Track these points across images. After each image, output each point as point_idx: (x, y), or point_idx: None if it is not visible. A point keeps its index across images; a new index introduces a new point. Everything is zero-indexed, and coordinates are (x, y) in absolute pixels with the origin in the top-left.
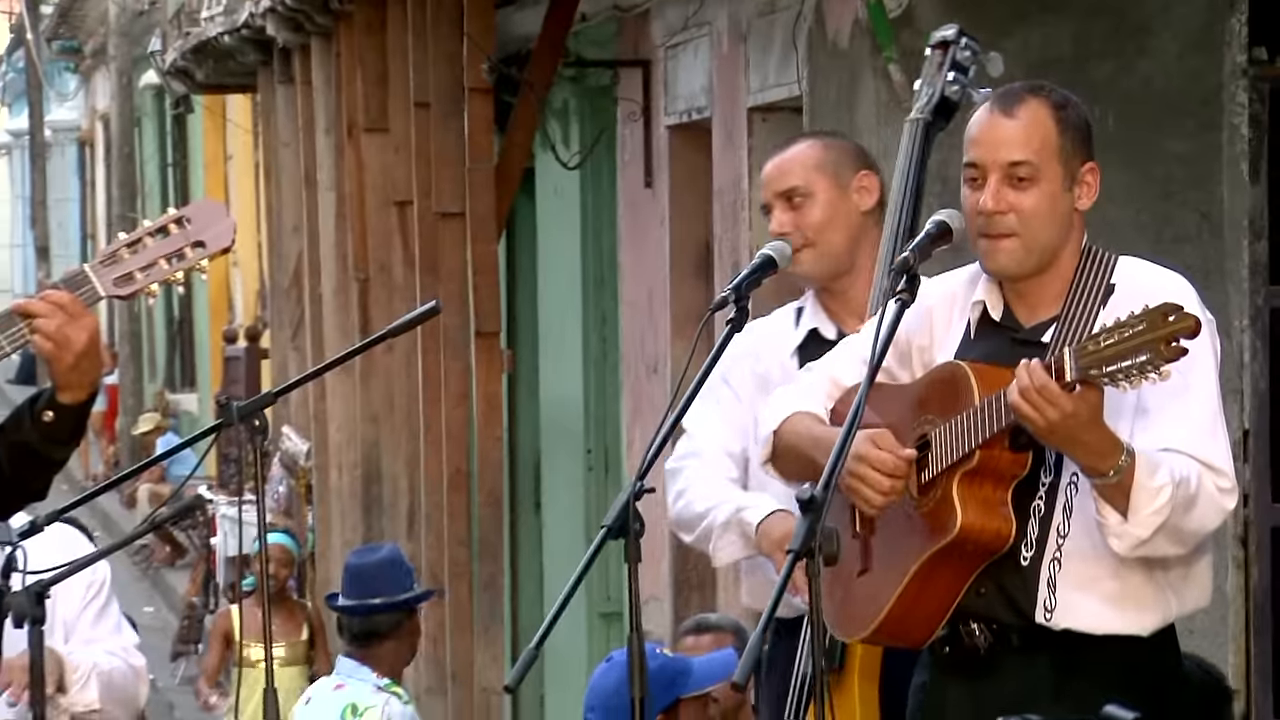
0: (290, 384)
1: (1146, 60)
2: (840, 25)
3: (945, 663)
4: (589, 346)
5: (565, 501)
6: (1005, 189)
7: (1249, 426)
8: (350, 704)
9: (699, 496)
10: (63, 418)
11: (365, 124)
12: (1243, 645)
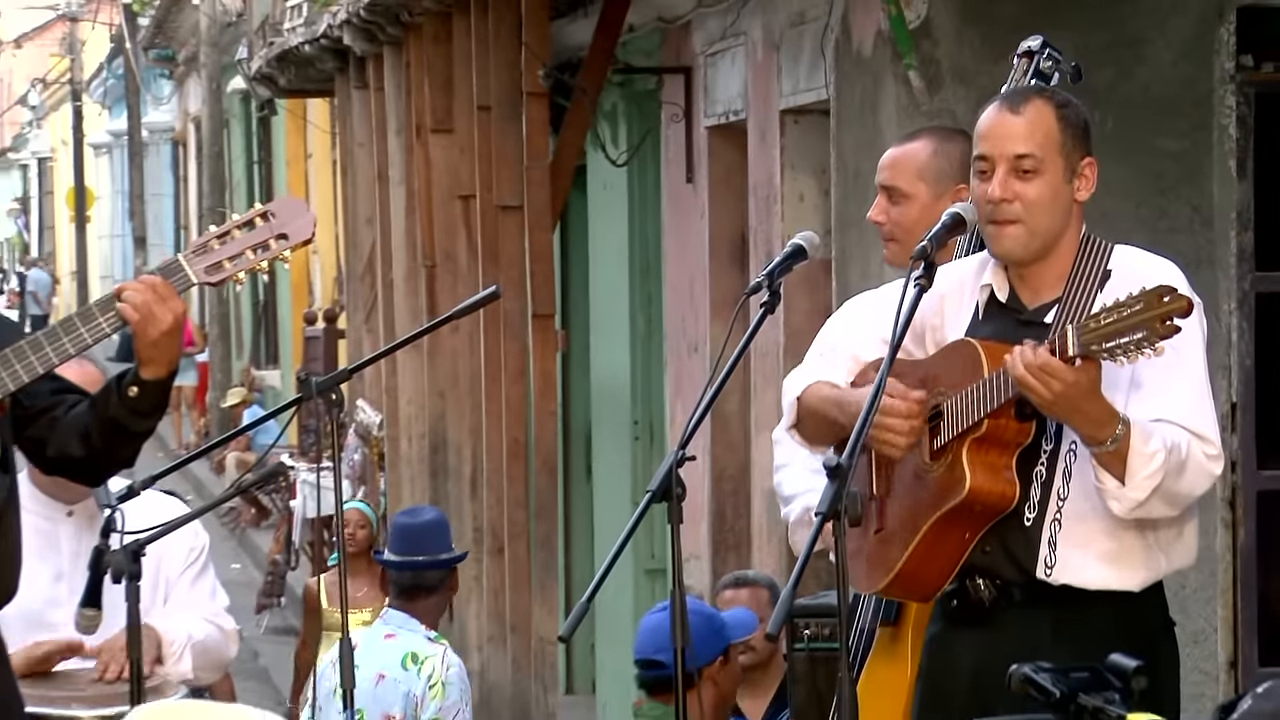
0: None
1: (1143, 67)
2: (864, 35)
3: (953, 615)
4: (635, 328)
5: (613, 468)
6: (1011, 179)
7: (1236, 400)
8: (410, 652)
9: (788, 480)
10: (146, 392)
11: (432, 125)
12: (1231, 600)
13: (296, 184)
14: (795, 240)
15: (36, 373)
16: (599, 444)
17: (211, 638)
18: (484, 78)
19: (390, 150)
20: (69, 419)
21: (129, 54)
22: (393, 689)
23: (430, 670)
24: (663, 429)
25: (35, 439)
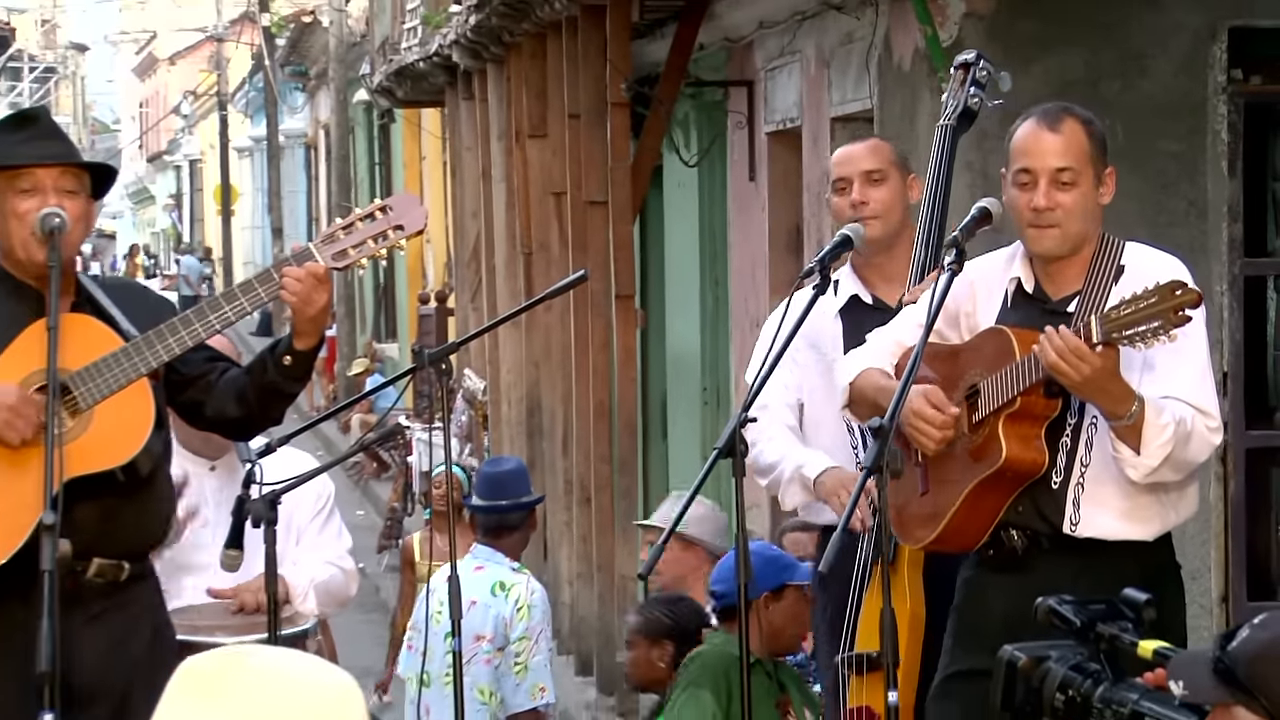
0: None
1: (1146, 80)
2: (904, 52)
3: (989, 562)
4: (704, 306)
5: (685, 429)
6: (1053, 190)
7: (1227, 370)
8: (497, 581)
9: (768, 449)
10: (298, 360)
11: (529, 131)
12: (1223, 542)
13: (412, 183)
14: (843, 231)
15: (188, 345)
16: (673, 408)
17: (334, 579)
18: (574, 90)
19: (493, 153)
20: (223, 383)
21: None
22: (483, 613)
23: (516, 596)
24: (728, 395)
25: (192, 401)
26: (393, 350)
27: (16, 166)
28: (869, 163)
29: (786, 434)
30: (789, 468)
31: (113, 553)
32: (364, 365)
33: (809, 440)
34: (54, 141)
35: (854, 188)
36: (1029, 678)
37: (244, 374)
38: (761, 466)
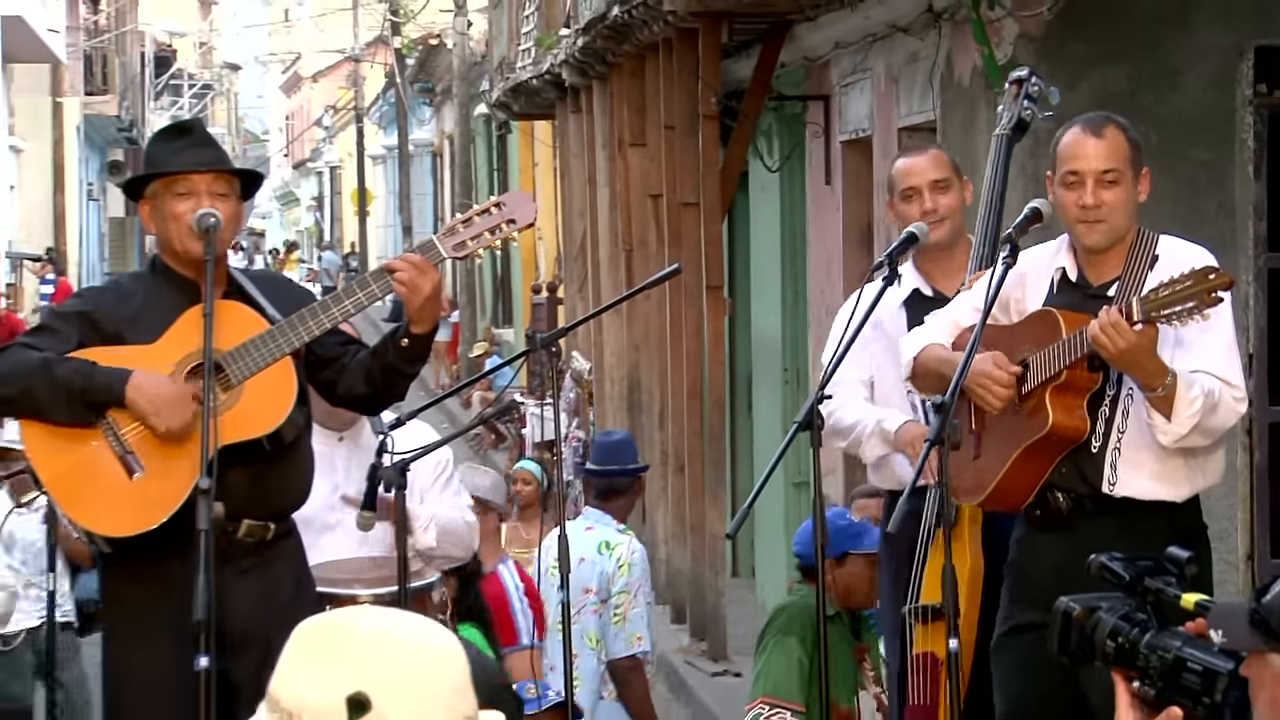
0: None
1: (1180, 94)
2: (963, 69)
3: (1036, 521)
4: (785, 296)
5: (768, 405)
6: (1099, 189)
7: (1253, 351)
8: (603, 541)
9: (847, 413)
10: (414, 344)
11: (630, 141)
12: (1248, 506)
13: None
14: (909, 229)
15: (325, 328)
16: (757, 386)
17: (454, 521)
18: (670, 104)
19: (597, 160)
20: (353, 364)
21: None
22: (590, 569)
23: (619, 555)
24: (806, 375)
25: (327, 380)
26: (509, 335)
27: (174, 173)
28: (935, 173)
29: (862, 401)
30: (870, 424)
31: (260, 514)
32: (484, 348)
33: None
34: (207, 149)
35: (925, 196)
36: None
37: (370, 356)
38: (841, 428)
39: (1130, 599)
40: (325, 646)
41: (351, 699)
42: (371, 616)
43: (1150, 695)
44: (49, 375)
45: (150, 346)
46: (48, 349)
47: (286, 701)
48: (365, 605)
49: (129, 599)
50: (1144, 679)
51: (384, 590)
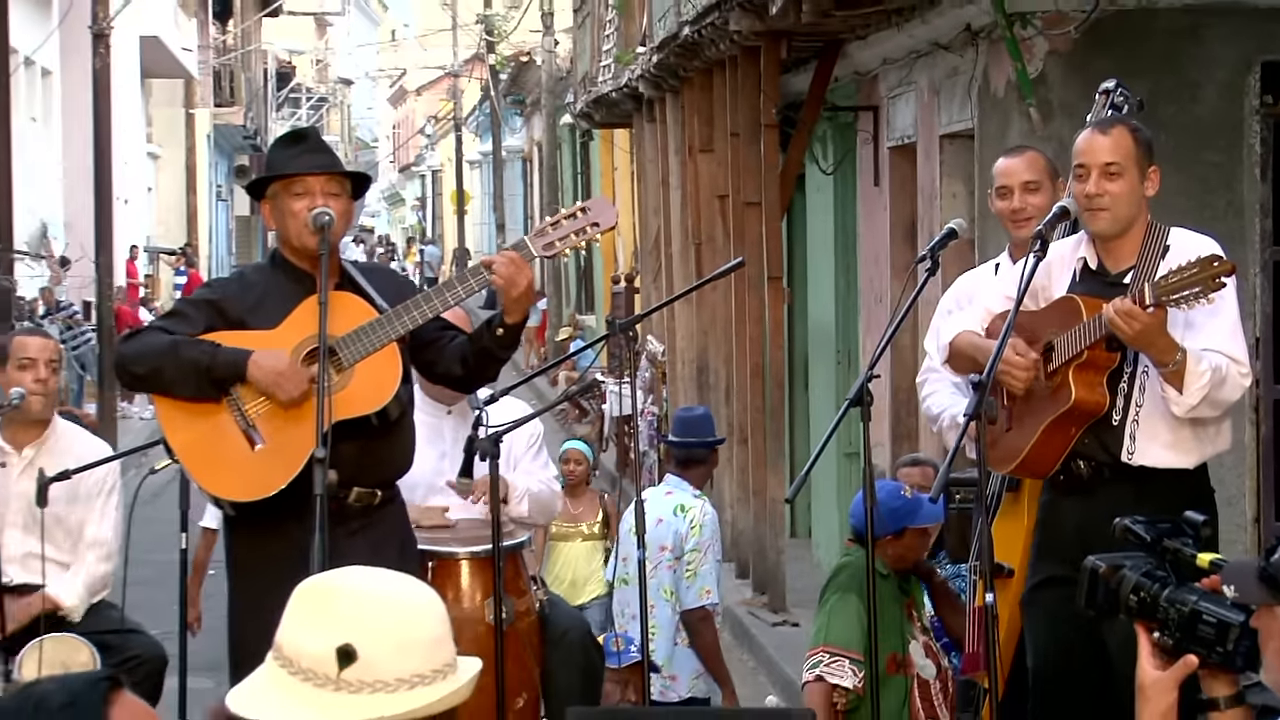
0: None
1: (1194, 104)
2: (998, 82)
3: (1061, 487)
4: (838, 286)
5: (822, 383)
6: (1102, 180)
7: (1259, 335)
8: (679, 504)
9: (935, 404)
10: (507, 332)
11: (699, 147)
12: (1255, 474)
13: (606, 189)
14: (950, 225)
15: (428, 316)
16: (813, 367)
17: (543, 493)
18: (735, 114)
19: (670, 164)
20: (451, 347)
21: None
22: (666, 529)
23: (692, 516)
24: (857, 356)
25: (428, 361)
26: (591, 320)
27: (292, 175)
28: (1028, 174)
29: (948, 389)
30: (946, 419)
31: (368, 482)
32: (568, 332)
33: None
34: (322, 154)
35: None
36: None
37: (467, 341)
38: (931, 416)
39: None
40: (319, 604)
41: (340, 649)
42: (359, 576)
43: (1169, 645)
44: (177, 356)
45: (271, 332)
46: (178, 332)
47: (288, 650)
48: (361, 567)
49: (251, 557)
50: (1163, 630)
51: (479, 548)
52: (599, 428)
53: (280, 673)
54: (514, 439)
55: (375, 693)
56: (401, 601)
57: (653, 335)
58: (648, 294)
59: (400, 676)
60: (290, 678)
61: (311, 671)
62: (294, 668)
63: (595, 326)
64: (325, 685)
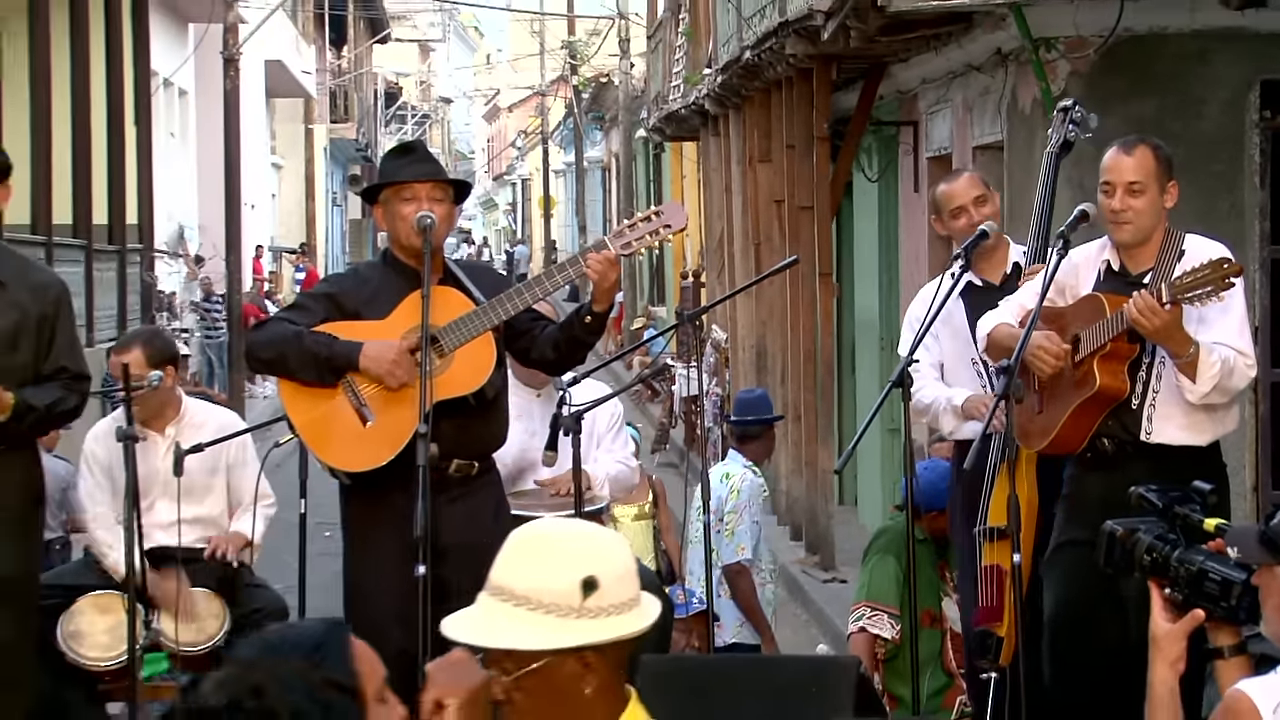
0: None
1: (1200, 119)
2: (1025, 100)
3: (1087, 463)
4: (881, 281)
5: (868, 367)
6: (1126, 197)
7: (1257, 325)
8: (725, 472)
9: (925, 395)
10: (595, 319)
11: (758, 158)
12: (1254, 448)
13: (676, 194)
14: (981, 228)
15: (519, 308)
16: (859, 352)
17: (621, 473)
18: (790, 128)
19: (732, 173)
20: (543, 335)
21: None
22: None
23: (733, 483)
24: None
25: (522, 348)
26: (662, 311)
27: (401, 182)
28: (975, 190)
29: (936, 383)
30: (942, 402)
31: (466, 455)
32: (642, 321)
33: (950, 384)
34: (427, 164)
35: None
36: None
37: (557, 329)
38: (920, 408)
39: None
40: (550, 548)
41: (585, 580)
42: (567, 524)
43: (1179, 600)
44: (300, 345)
45: (382, 322)
46: (300, 323)
47: (522, 589)
48: (554, 518)
49: (363, 520)
50: (1174, 587)
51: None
52: (669, 406)
53: (517, 610)
54: (595, 417)
55: (610, 616)
56: (610, 539)
57: (717, 325)
58: (712, 288)
59: (624, 600)
60: (530, 613)
61: (555, 605)
62: (533, 604)
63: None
64: (569, 614)
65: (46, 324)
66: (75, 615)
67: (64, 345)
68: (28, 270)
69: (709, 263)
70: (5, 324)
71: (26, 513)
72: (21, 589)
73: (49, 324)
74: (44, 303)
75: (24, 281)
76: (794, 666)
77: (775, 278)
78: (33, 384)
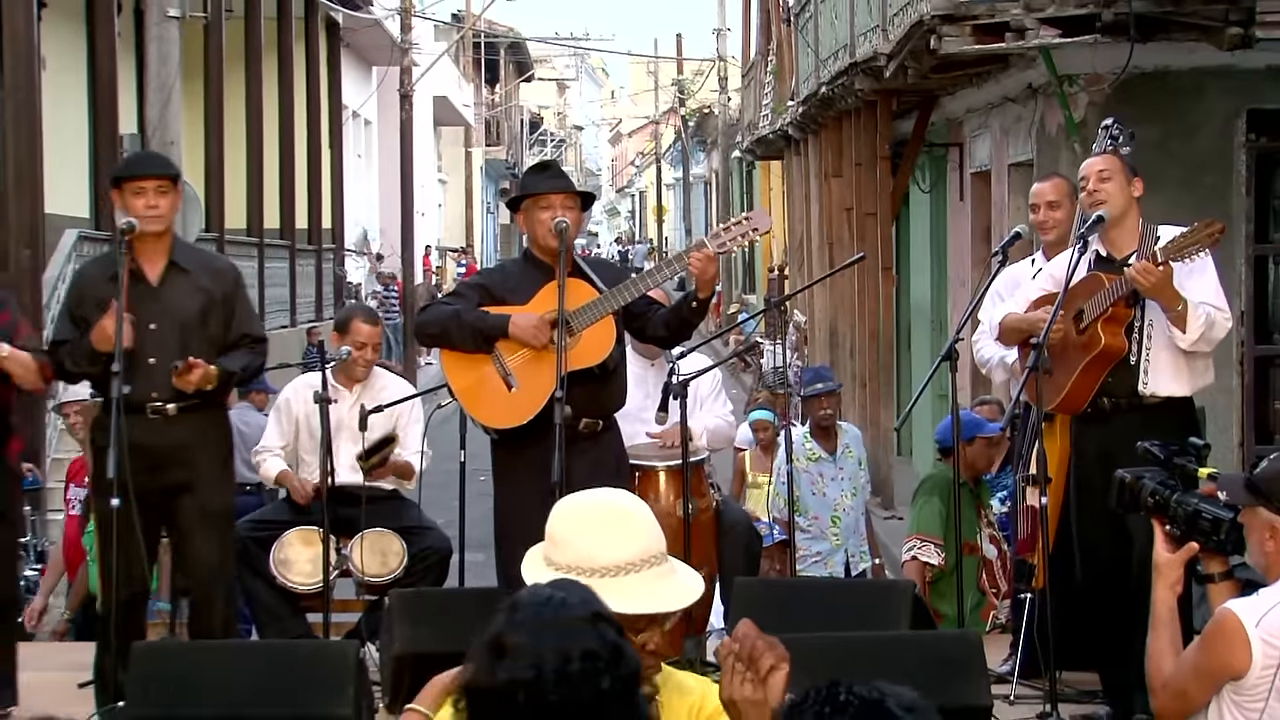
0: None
1: (1196, 140)
2: (1051, 126)
3: (1087, 418)
4: (933, 273)
5: (921, 344)
6: (1097, 182)
7: (1244, 309)
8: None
9: (985, 353)
10: (700, 305)
11: (832, 173)
12: (1240, 410)
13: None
14: (1015, 229)
15: (635, 295)
16: (914, 332)
17: (720, 428)
18: (858, 148)
19: (810, 186)
20: (656, 317)
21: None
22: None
23: None
24: (946, 324)
25: (638, 327)
26: (752, 298)
27: (540, 194)
28: (1052, 195)
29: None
30: (996, 358)
31: (593, 415)
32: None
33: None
34: (560, 179)
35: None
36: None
37: (668, 312)
38: (980, 361)
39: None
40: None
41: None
42: (605, 494)
43: (1176, 535)
44: (459, 320)
45: (523, 307)
46: (459, 305)
47: (660, 549)
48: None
49: (508, 468)
50: (1173, 524)
51: (673, 462)
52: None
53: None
54: (699, 384)
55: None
56: (620, 498)
57: (797, 309)
58: (794, 279)
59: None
60: (677, 564)
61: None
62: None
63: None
64: (662, 562)
65: (228, 301)
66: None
67: (244, 316)
68: (208, 260)
69: (791, 259)
70: (195, 305)
71: (225, 458)
72: (226, 521)
73: (230, 301)
74: (224, 284)
75: (206, 269)
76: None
77: (845, 271)
78: (223, 352)
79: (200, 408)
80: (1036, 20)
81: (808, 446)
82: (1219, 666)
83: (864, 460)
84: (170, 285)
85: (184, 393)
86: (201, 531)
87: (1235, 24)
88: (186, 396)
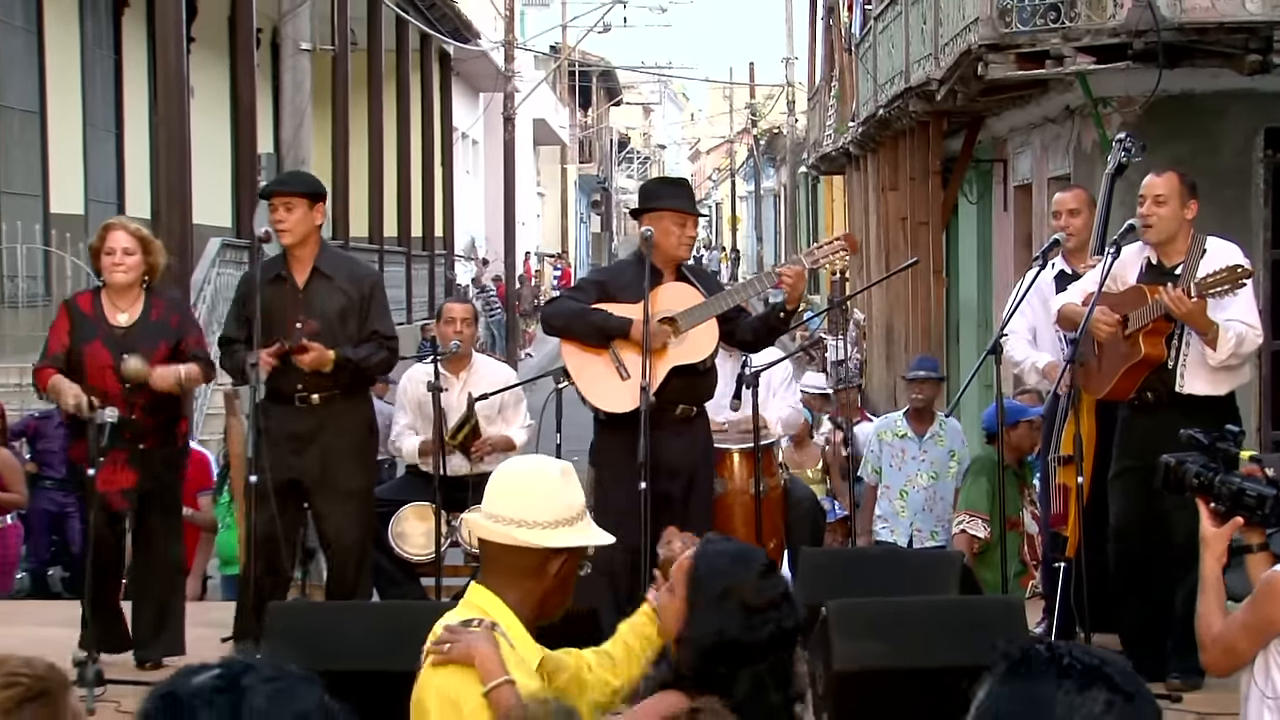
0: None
1: (1219, 156)
2: (1087, 142)
3: (1135, 409)
4: (980, 275)
5: (968, 340)
6: (1152, 205)
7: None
8: None
9: (1017, 354)
10: (787, 315)
11: (888, 187)
12: (1259, 398)
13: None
14: (1053, 236)
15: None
16: (962, 330)
17: (790, 415)
18: (912, 164)
19: (869, 198)
20: (744, 323)
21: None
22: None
23: None
24: (991, 322)
25: (727, 330)
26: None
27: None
28: (1073, 204)
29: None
30: (1028, 363)
31: (688, 402)
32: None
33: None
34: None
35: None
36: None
37: (757, 319)
38: (1014, 362)
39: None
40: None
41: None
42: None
43: (1221, 511)
44: (583, 317)
45: (635, 305)
46: (580, 300)
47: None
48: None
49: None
50: (1217, 501)
51: (746, 445)
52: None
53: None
54: (771, 375)
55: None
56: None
57: (858, 309)
58: (854, 282)
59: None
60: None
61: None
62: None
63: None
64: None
65: (365, 303)
66: (401, 520)
67: (376, 315)
68: (350, 266)
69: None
70: (336, 305)
71: (364, 441)
72: (365, 500)
73: (366, 303)
74: (362, 288)
75: (348, 274)
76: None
77: (900, 274)
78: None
79: (340, 396)
80: (1074, 49)
81: (897, 424)
82: (1266, 623)
83: (958, 454)
84: (314, 288)
85: (325, 383)
86: (340, 508)
87: (1254, 51)
88: (328, 386)
